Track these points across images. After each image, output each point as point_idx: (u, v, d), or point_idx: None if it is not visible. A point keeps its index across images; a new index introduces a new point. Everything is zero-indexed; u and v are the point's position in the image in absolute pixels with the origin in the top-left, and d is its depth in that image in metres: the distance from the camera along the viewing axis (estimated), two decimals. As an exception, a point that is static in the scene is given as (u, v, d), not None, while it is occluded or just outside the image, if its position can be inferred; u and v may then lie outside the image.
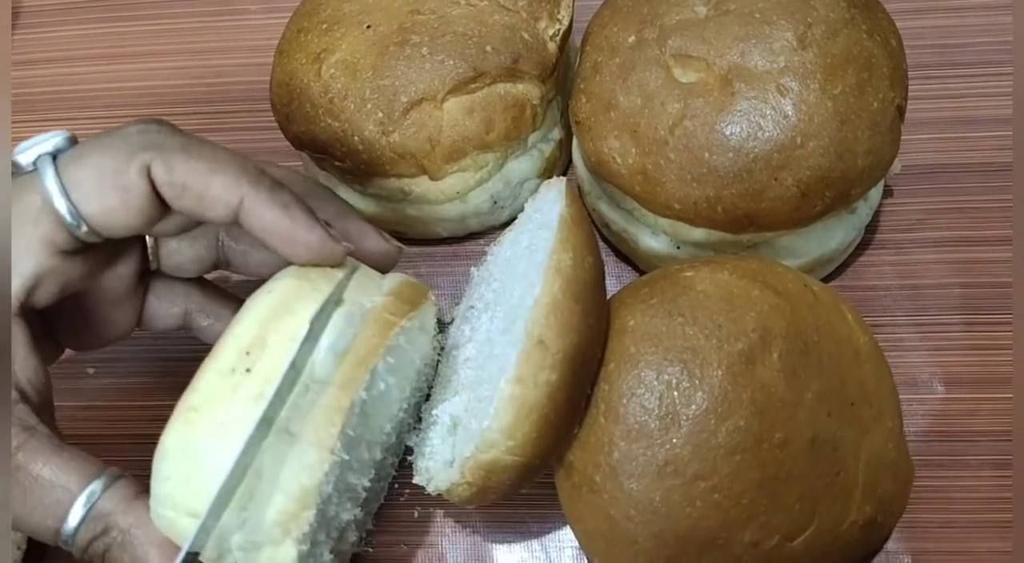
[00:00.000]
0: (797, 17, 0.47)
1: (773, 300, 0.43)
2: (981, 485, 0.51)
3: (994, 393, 0.53)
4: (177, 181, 0.36)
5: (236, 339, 0.37)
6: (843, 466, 0.42)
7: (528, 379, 0.38)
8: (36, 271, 0.36)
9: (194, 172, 0.36)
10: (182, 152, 0.36)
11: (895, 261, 0.57)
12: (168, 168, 0.35)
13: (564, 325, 0.39)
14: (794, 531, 0.41)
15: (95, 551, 0.35)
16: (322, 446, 0.35)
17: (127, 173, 0.35)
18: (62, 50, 0.72)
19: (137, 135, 0.36)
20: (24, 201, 0.35)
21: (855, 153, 0.47)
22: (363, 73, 0.52)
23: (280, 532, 0.35)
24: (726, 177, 0.46)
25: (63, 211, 0.35)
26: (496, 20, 0.53)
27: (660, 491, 0.40)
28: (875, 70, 0.48)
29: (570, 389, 0.39)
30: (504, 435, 0.38)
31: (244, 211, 0.37)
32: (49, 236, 0.35)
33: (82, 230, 0.36)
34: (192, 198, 0.36)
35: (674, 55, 0.49)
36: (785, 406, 0.40)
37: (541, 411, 0.38)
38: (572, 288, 0.39)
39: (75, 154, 0.36)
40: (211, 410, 0.35)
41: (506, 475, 0.40)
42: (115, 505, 0.35)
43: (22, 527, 0.35)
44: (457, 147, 0.53)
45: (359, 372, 0.37)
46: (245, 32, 0.71)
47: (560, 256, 0.40)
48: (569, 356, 0.38)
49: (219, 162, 0.36)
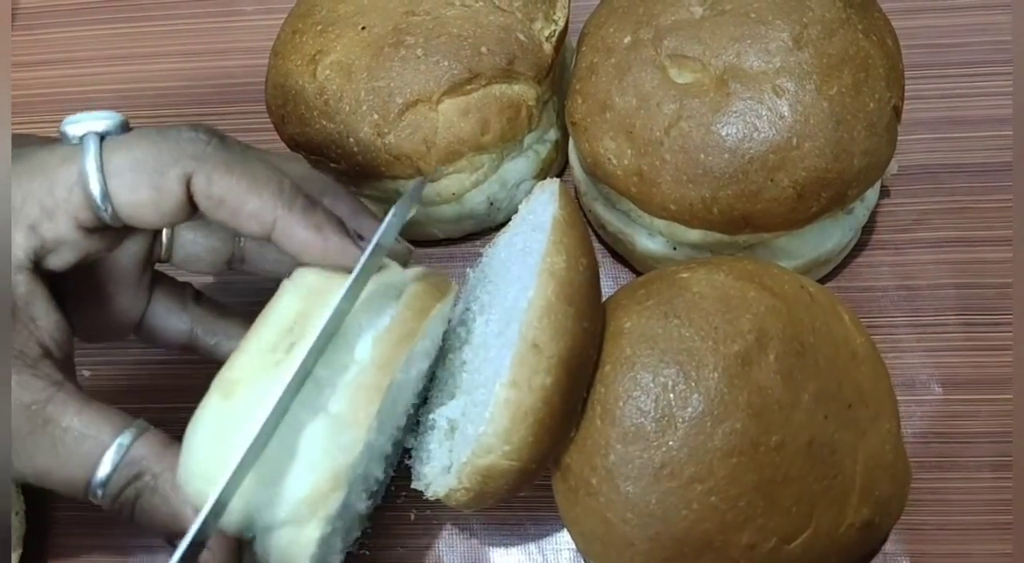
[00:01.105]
0: (793, 17, 0.47)
1: (769, 301, 0.42)
2: (979, 487, 0.51)
3: (992, 394, 0.53)
4: (215, 195, 0.37)
5: (278, 317, 0.37)
6: (840, 468, 0.41)
7: (523, 383, 0.38)
8: (56, 237, 0.36)
9: (232, 190, 0.37)
10: (224, 168, 0.37)
11: (892, 262, 0.57)
12: (208, 182, 0.37)
13: (558, 328, 0.38)
14: (791, 533, 0.41)
15: (127, 497, 0.36)
16: (359, 425, 0.35)
17: (166, 176, 0.36)
18: (59, 52, 0.72)
19: (187, 142, 0.37)
20: (61, 171, 0.36)
21: (851, 154, 0.46)
22: (358, 74, 0.52)
23: (308, 511, 0.35)
24: (722, 178, 0.46)
25: (95, 193, 0.36)
26: (491, 21, 0.53)
27: (656, 494, 0.40)
28: (871, 70, 0.47)
29: (565, 393, 0.39)
30: (500, 440, 0.38)
31: (277, 231, 0.38)
32: (75, 211, 0.36)
33: (107, 214, 0.36)
34: (228, 212, 0.37)
35: (670, 56, 0.48)
36: (782, 408, 0.40)
37: (536, 415, 0.38)
38: (566, 290, 0.39)
39: (121, 142, 0.37)
40: (250, 385, 0.35)
41: (503, 480, 0.40)
42: (147, 451, 0.36)
43: (50, 482, 0.36)
44: (453, 148, 0.52)
45: (398, 352, 0.37)
46: (241, 34, 0.71)
47: (553, 258, 0.40)
48: (563, 359, 0.38)
49: (257, 182, 0.37)
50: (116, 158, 0.36)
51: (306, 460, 0.35)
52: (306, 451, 0.35)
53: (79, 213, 0.36)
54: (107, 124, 0.37)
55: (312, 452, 0.35)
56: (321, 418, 0.36)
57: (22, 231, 0.36)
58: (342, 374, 0.36)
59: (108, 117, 0.37)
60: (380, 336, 0.37)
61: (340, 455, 0.35)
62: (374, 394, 0.36)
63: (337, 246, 0.38)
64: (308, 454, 0.35)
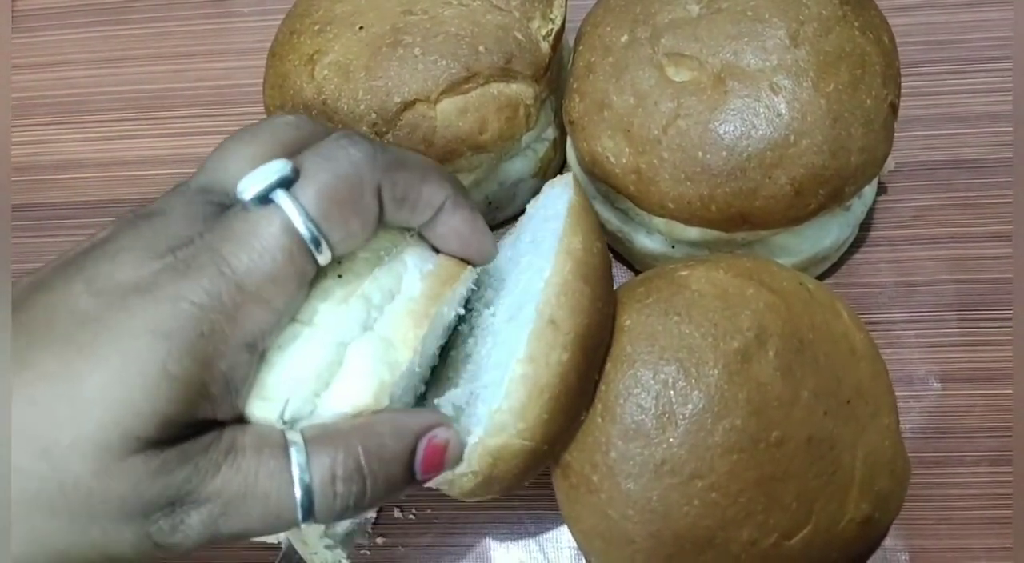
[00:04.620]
0: (789, 15, 0.47)
1: (768, 298, 0.43)
2: (978, 481, 0.51)
3: (990, 389, 0.53)
4: (399, 195, 0.36)
5: None
6: (840, 464, 0.42)
7: (540, 358, 0.38)
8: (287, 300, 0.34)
9: (410, 183, 0.37)
10: (399, 165, 0.36)
11: (890, 258, 0.58)
12: (393, 184, 0.36)
13: (575, 306, 0.39)
14: (792, 529, 0.41)
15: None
16: (407, 345, 0.37)
17: (364, 197, 0.35)
18: (57, 54, 0.72)
19: (362, 158, 0.35)
20: (262, 233, 0.33)
21: (848, 150, 0.47)
22: (356, 74, 0.52)
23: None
24: (720, 176, 0.46)
25: (307, 237, 0.34)
26: (489, 20, 0.53)
27: (657, 490, 0.40)
28: (868, 67, 0.48)
29: (580, 371, 0.39)
30: (515, 416, 0.38)
31: (443, 213, 0.38)
32: (291, 268, 0.34)
33: (322, 257, 0.35)
34: (408, 207, 0.37)
35: (667, 54, 0.48)
36: (781, 405, 0.40)
37: (552, 392, 0.38)
38: (582, 270, 0.39)
39: (307, 182, 0.34)
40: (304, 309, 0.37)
41: (513, 462, 0.40)
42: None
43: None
44: (451, 148, 0.52)
45: (444, 289, 0.39)
46: (238, 35, 0.71)
47: (571, 239, 0.40)
48: (580, 336, 0.38)
49: (423, 169, 0.37)
50: (314, 201, 0.34)
51: (353, 373, 0.36)
52: (353, 365, 0.36)
53: (304, 268, 0.34)
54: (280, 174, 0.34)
55: (358, 366, 0.36)
56: (369, 336, 0.37)
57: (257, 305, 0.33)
58: (390, 301, 0.38)
59: (279, 169, 0.34)
60: (427, 274, 0.39)
61: (385, 372, 0.36)
62: (422, 320, 0.37)
63: (482, 230, 0.40)
64: (354, 368, 0.36)
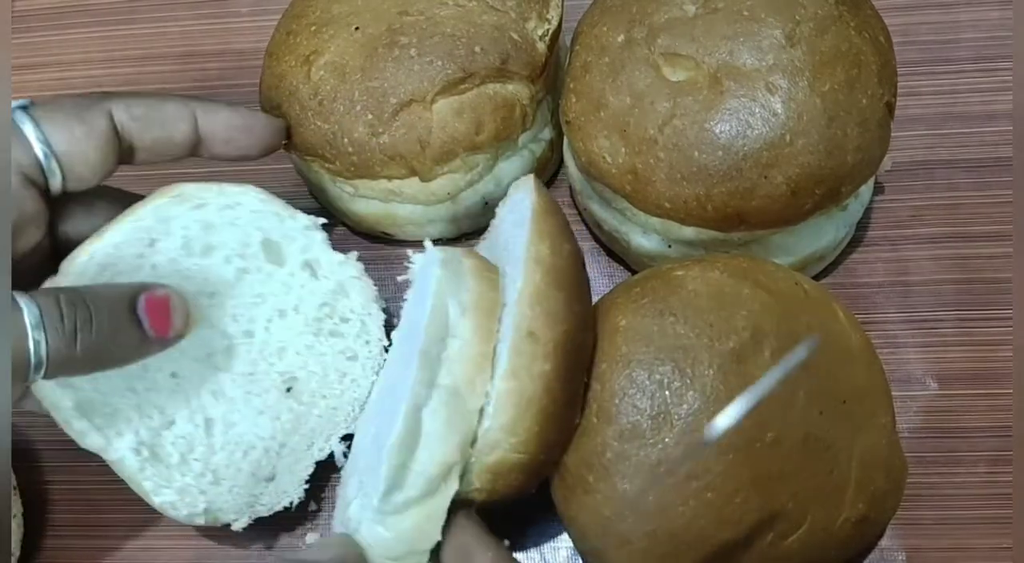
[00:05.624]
0: (785, 14, 0.47)
1: (764, 298, 0.43)
2: (975, 481, 0.51)
3: (988, 389, 0.53)
4: (137, 115, 0.43)
5: None
6: (836, 464, 0.42)
7: (522, 371, 0.38)
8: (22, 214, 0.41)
9: (148, 104, 0.44)
10: (134, 95, 0.44)
11: (887, 258, 0.57)
12: (127, 106, 0.43)
13: (551, 314, 0.39)
14: (788, 529, 0.41)
15: None
16: (476, 394, 0.38)
17: (91, 110, 0.42)
18: (56, 54, 0.72)
19: (98, 94, 0.44)
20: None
21: (845, 150, 0.47)
22: (352, 75, 0.52)
23: (440, 484, 0.37)
24: (716, 175, 0.46)
25: (34, 138, 0.41)
26: (485, 20, 0.53)
27: (653, 491, 0.40)
28: (864, 67, 0.48)
29: (565, 378, 0.39)
30: (507, 432, 0.38)
31: (201, 121, 0.45)
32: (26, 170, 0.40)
33: (47, 163, 0.41)
34: (157, 126, 0.44)
35: (663, 54, 0.48)
36: (777, 405, 0.40)
37: (539, 403, 0.38)
38: (553, 276, 0.39)
39: (45, 102, 0.42)
40: None
41: (513, 475, 0.40)
42: None
43: None
44: (447, 148, 0.52)
45: (490, 321, 0.39)
46: (235, 35, 0.71)
47: (538, 246, 0.40)
48: (560, 344, 0.38)
49: (160, 95, 0.45)
50: (43, 110, 0.41)
51: (432, 435, 0.37)
52: (430, 426, 0.37)
53: (28, 171, 0.40)
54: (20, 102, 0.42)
55: (435, 426, 0.37)
56: (438, 393, 0.37)
57: None
58: (441, 345, 0.38)
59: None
60: (468, 308, 0.39)
61: (462, 424, 0.37)
62: (483, 361, 0.38)
63: (252, 114, 0.46)
64: (433, 429, 0.37)
